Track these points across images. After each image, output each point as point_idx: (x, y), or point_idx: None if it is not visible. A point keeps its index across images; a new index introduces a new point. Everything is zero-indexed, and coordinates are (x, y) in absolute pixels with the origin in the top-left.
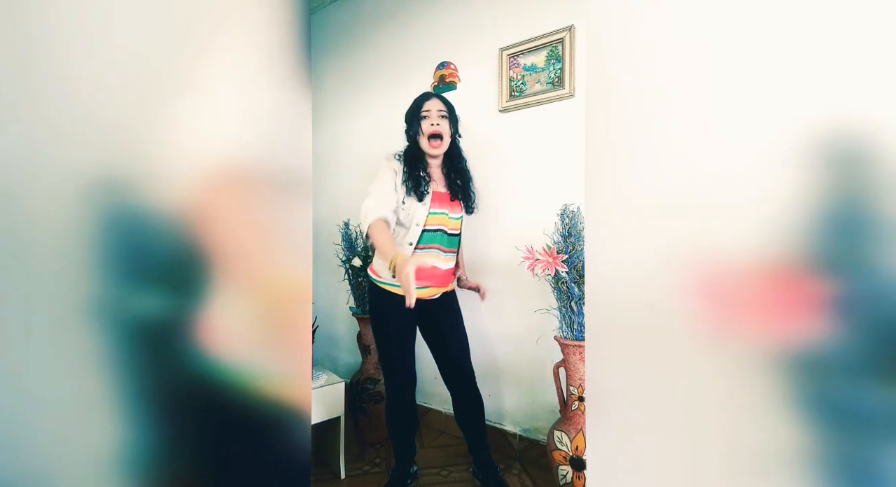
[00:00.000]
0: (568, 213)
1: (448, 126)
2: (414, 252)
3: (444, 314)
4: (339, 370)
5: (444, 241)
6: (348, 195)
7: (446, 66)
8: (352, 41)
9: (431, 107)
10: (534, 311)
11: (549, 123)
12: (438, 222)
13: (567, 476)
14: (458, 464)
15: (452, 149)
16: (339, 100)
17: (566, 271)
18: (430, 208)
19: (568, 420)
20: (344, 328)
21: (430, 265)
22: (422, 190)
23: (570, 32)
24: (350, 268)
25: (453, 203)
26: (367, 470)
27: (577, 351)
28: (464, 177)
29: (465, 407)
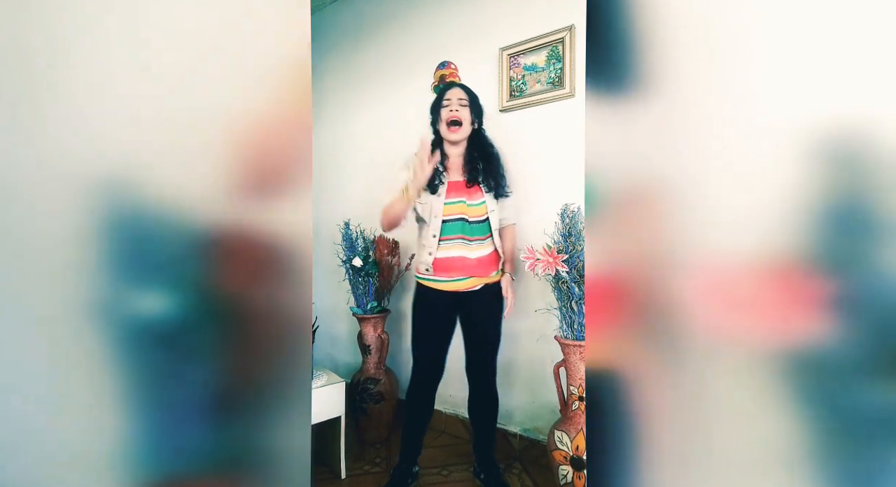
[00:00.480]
0: (568, 213)
1: (468, 114)
2: (439, 244)
3: (484, 307)
4: (340, 370)
5: (466, 230)
6: (349, 195)
7: (447, 65)
8: (353, 41)
9: (452, 95)
10: (534, 311)
11: (549, 123)
12: (457, 211)
13: (567, 476)
14: (459, 464)
15: (477, 137)
16: (340, 100)
17: (567, 271)
18: (446, 199)
19: (568, 420)
20: (344, 328)
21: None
22: (436, 183)
23: (571, 32)
24: (350, 268)
25: (471, 189)
26: (367, 470)
27: (577, 350)
28: (489, 160)
29: (479, 403)
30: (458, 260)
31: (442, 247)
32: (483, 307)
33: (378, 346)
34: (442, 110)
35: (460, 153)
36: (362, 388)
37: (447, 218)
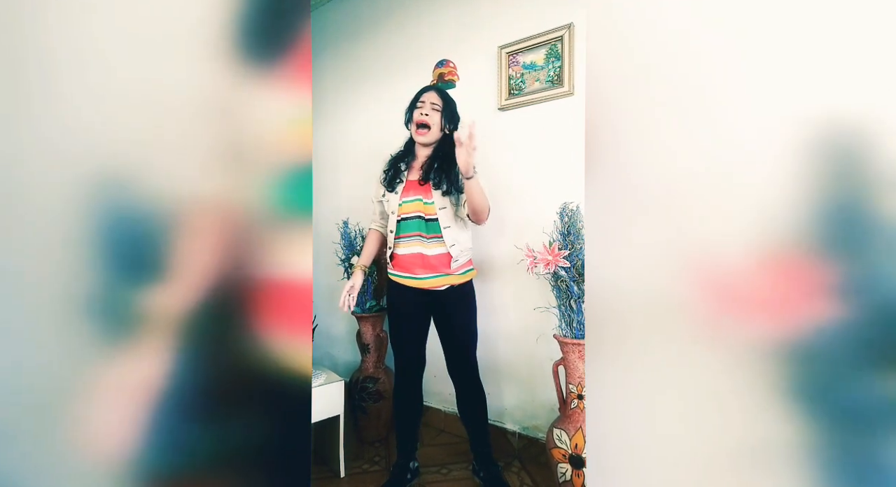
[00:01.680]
0: (567, 212)
1: (439, 118)
2: (396, 241)
3: (455, 306)
4: (339, 369)
5: (423, 228)
6: (347, 194)
7: (445, 64)
8: (351, 39)
9: (427, 98)
10: (533, 309)
11: (548, 121)
12: (414, 209)
13: (566, 474)
14: (458, 463)
15: (448, 142)
16: (338, 98)
17: (566, 269)
18: (402, 197)
19: (567, 419)
20: (343, 327)
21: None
22: (396, 181)
23: (570, 30)
24: (349, 267)
25: (424, 187)
26: (366, 469)
27: (576, 349)
28: (445, 159)
29: (467, 401)
30: (417, 257)
31: (400, 244)
32: (453, 306)
33: (376, 345)
34: (415, 111)
35: (427, 155)
36: (361, 387)
37: (405, 215)
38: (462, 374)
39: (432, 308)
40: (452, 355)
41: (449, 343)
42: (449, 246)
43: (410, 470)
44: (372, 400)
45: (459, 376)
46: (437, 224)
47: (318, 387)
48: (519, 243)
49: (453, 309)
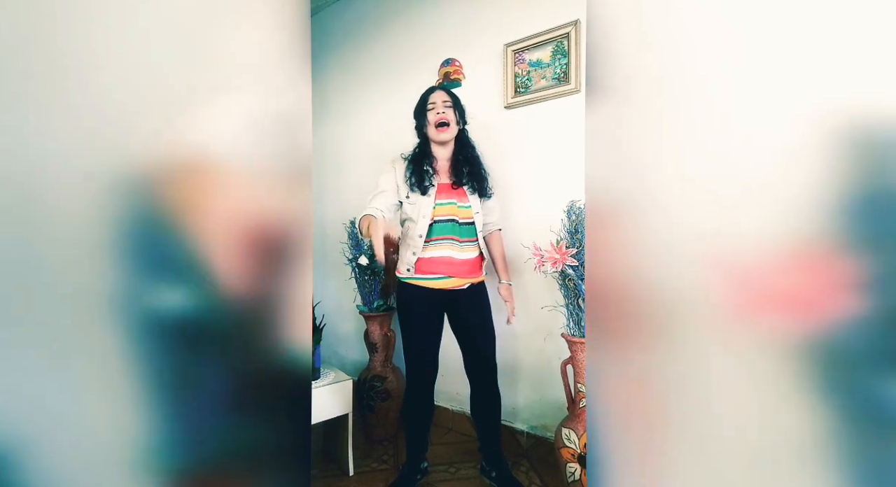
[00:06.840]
0: (574, 210)
1: (454, 114)
2: (425, 245)
3: (472, 306)
4: (347, 368)
5: (456, 231)
6: (354, 194)
7: (451, 62)
8: (356, 40)
9: (436, 98)
10: (541, 308)
11: (555, 119)
12: (448, 213)
13: (575, 474)
14: (467, 461)
15: (462, 138)
16: (344, 99)
17: (574, 267)
18: (436, 200)
19: (576, 418)
20: (351, 326)
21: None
22: (426, 184)
23: (576, 27)
24: (356, 267)
25: (458, 190)
26: (374, 467)
27: (584, 347)
28: (472, 163)
29: (481, 402)
30: (445, 260)
31: (428, 248)
32: (471, 306)
33: (384, 344)
34: (428, 113)
35: (448, 156)
36: (369, 386)
37: (439, 218)
38: (481, 376)
39: (447, 307)
40: (472, 356)
41: (469, 344)
42: (483, 249)
43: (420, 470)
44: (380, 398)
45: (478, 377)
46: (473, 228)
47: (326, 386)
48: (526, 241)
49: (470, 308)
